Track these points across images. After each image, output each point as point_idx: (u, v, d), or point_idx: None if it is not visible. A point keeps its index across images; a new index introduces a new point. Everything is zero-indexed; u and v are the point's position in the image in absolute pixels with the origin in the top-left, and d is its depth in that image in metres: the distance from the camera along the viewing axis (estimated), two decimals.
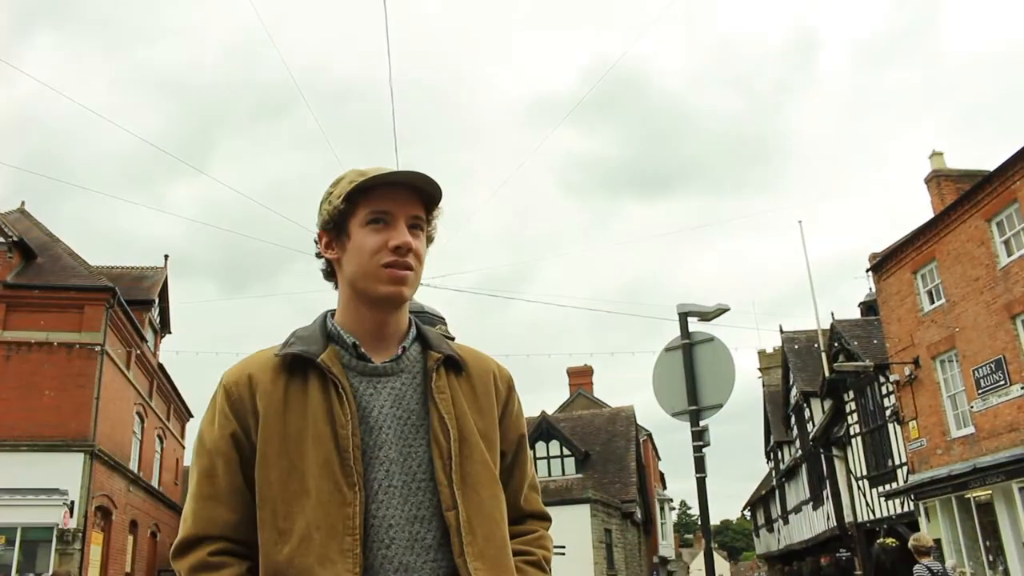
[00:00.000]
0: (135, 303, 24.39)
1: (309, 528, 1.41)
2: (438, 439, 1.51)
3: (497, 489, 1.57)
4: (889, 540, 20.65)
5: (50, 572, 16.60)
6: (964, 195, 18.56)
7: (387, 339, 1.60)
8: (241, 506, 1.48)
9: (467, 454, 1.53)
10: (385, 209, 1.55)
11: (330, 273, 1.65)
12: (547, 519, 1.77)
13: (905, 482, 21.02)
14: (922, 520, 19.97)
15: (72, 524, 19.34)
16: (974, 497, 18.30)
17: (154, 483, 27.97)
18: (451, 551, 1.46)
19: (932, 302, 19.87)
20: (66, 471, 19.61)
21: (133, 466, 24.80)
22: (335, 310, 1.65)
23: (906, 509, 21.37)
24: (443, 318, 29.44)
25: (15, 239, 21.40)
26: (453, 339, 1.81)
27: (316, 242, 1.65)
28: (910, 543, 9.17)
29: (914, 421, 20.43)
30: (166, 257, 29.38)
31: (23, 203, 25.41)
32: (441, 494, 1.48)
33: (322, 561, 1.39)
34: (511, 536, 1.62)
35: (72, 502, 19.48)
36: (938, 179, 21.05)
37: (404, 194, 1.56)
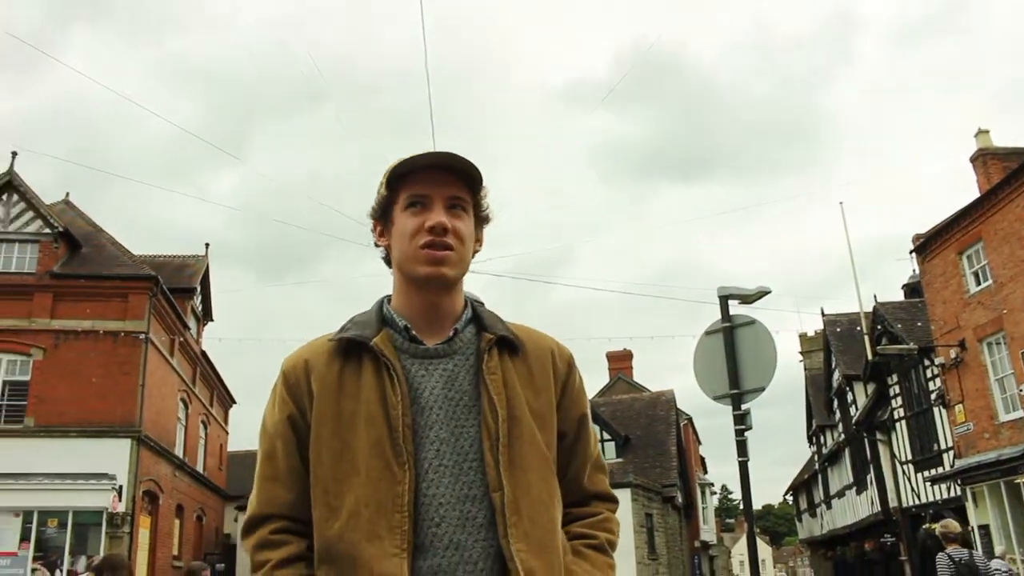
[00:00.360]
0: (177, 291, 24.75)
1: (358, 504, 1.45)
2: (487, 420, 1.52)
3: (547, 472, 1.56)
4: (935, 525, 20.38)
5: (100, 555, 16.95)
6: (1012, 173, 18.10)
7: (439, 321, 1.62)
8: (299, 486, 1.54)
9: (516, 435, 1.52)
10: (422, 192, 1.58)
11: (388, 260, 1.69)
12: (613, 500, 1.74)
13: (951, 467, 20.68)
14: (969, 505, 19.64)
15: (121, 508, 19.76)
16: (1023, 482, 17.95)
17: (199, 468, 28.45)
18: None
19: (978, 283, 19.46)
20: (114, 456, 20.04)
21: (178, 451, 25.24)
22: (392, 295, 1.68)
23: (953, 494, 21.03)
24: (482, 303, 29.46)
25: (60, 230, 21.81)
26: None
27: (372, 231, 1.70)
28: (937, 530, 8.96)
29: (960, 405, 20.06)
30: (207, 245, 29.82)
31: (67, 194, 25.86)
32: (488, 475, 1.49)
33: (370, 537, 1.42)
34: (574, 518, 1.64)
35: (120, 486, 19.90)
36: (984, 157, 20.58)
37: (440, 176, 1.58)
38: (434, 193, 1.57)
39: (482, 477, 1.49)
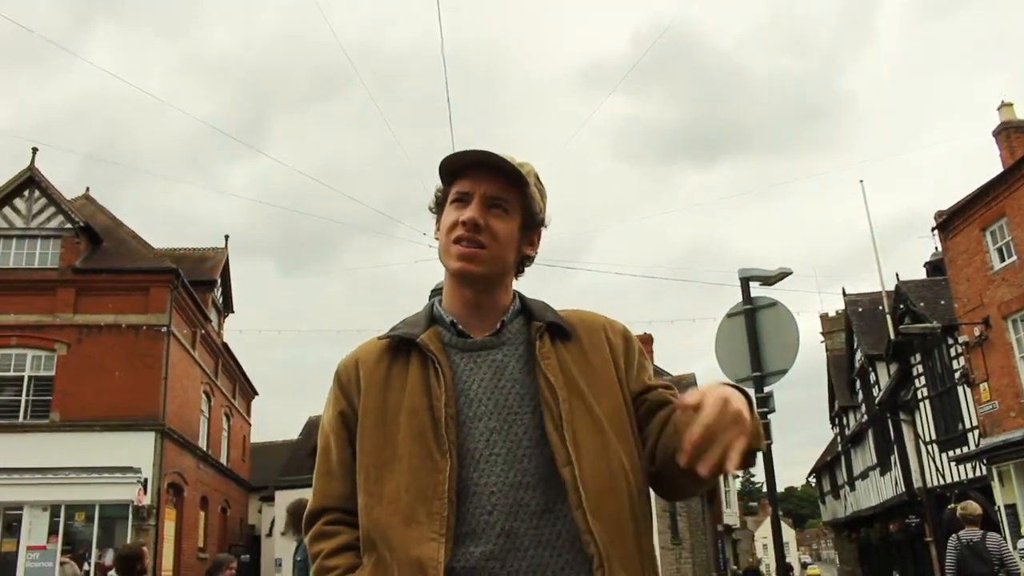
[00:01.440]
0: (198, 284, 24.91)
1: (399, 491, 1.49)
2: (548, 403, 1.53)
3: (611, 447, 1.54)
4: (959, 506, 20.22)
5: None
6: None
7: (486, 314, 1.66)
8: (351, 479, 1.59)
9: (578, 414, 1.53)
10: (464, 190, 1.62)
11: None
12: None
13: (976, 446, 20.47)
14: (995, 485, 19.46)
15: (146, 501, 19.96)
16: None
17: (222, 460, 28.68)
18: (554, 517, 1.47)
19: (1003, 260, 19.21)
20: (138, 449, 20.23)
21: (202, 444, 25.46)
22: (443, 294, 1.73)
23: (978, 473, 20.83)
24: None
25: (82, 225, 21.98)
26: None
27: (435, 225, 1.75)
28: (958, 511, 8.72)
29: (985, 383, 19.84)
30: (226, 238, 29.97)
31: (88, 189, 26.08)
32: (556, 453, 1.49)
33: (408, 522, 1.46)
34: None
35: (145, 479, 20.10)
36: (1008, 131, 20.26)
37: (482, 174, 1.62)
38: (474, 190, 1.61)
39: (537, 463, 1.50)
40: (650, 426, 1.62)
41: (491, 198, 1.61)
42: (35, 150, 22.34)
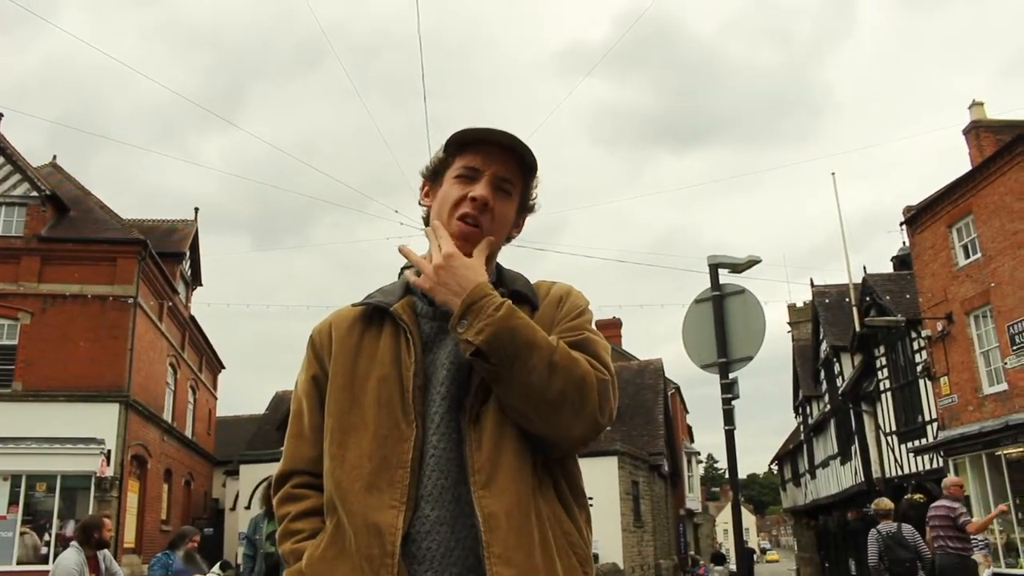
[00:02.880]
0: (166, 255, 24.64)
1: (362, 457, 1.51)
2: (475, 376, 1.54)
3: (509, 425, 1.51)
4: (917, 496, 20.58)
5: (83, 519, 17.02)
6: (1005, 146, 18.08)
7: None
8: (321, 442, 1.60)
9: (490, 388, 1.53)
10: (474, 165, 1.61)
11: (427, 220, 1.72)
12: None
13: (935, 438, 20.88)
14: (951, 476, 19.85)
15: (109, 472, 19.80)
16: (1005, 454, 18.14)
17: (187, 433, 28.50)
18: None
19: (967, 256, 19.52)
20: (102, 421, 20.04)
21: (167, 416, 25.26)
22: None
23: (935, 465, 21.24)
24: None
25: (48, 193, 21.62)
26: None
27: (420, 189, 1.74)
28: (872, 507, 9.64)
29: (945, 377, 20.21)
30: (196, 210, 29.61)
31: (55, 157, 25.62)
32: (462, 426, 1.52)
33: (369, 488, 1.48)
34: None
35: (108, 451, 19.92)
36: (977, 130, 20.54)
37: (496, 154, 1.61)
38: (485, 168, 1.61)
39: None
40: None
41: (500, 179, 1.62)
42: None
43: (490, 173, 1.60)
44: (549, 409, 1.47)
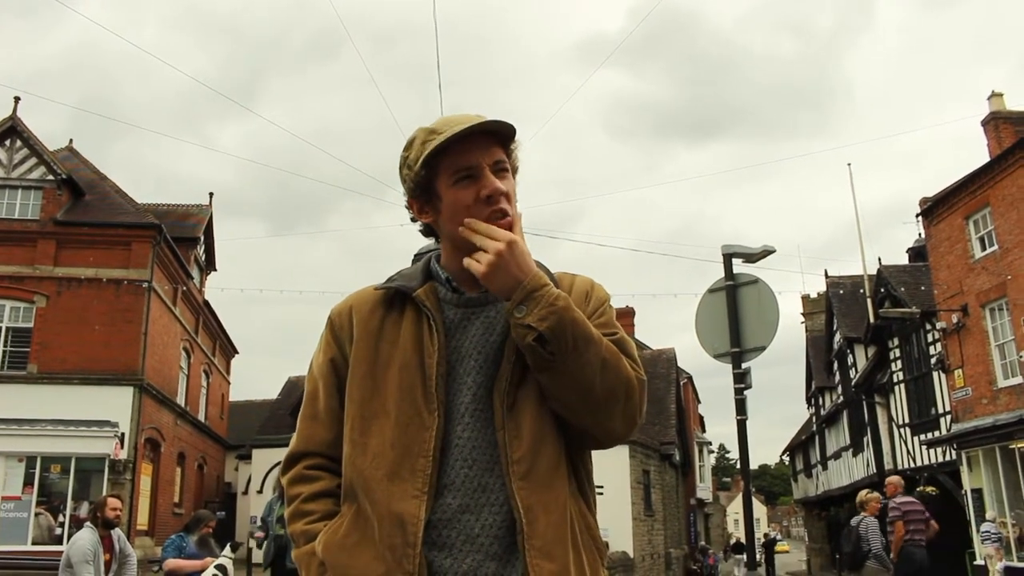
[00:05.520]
0: (181, 240, 24.73)
1: (384, 445, 1.50)
2: (507, 363, 1.53)
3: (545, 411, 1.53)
4: (930, 488, 20.52)
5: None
6: (1023, 138, 17.92)
7: None
8: (337, 425, 1.60)
9: (524, 376, 1.53)
10: (467, 164, 1.55)
11: (429, 232, 1.69)
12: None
13: (948, 431, 20.77)
14: (964, 469, 19.76)
15: (123, 455, 19.96)
16: (1019, 448, 18.04)
17: (200, 417, 28.67)
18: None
19: (984, 249, 19.37)
20: (116, 404, 20.18)
21: (180, 400, 25.42)
22: (440, 254, 1.69)
23: (948, 458, 21.15)
24: None
25: (64, 176, 21.73)
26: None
27: (408, 208, 1.67)
28: (857, 500, 10.33)
29: (960, 369, 20.09)
30: (211, 195, 29.71)
31: (71, 141, 25.77)
32: (495, 414, 1.51)
33: (392, 477, 1.48)
34: None
35: (122, 434, 20.07)
36: (996, 121, 20.32)
37: (480, 142, 1.56)
38: (479, 162, 1.55)
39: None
40: None
41: (496, 163, 1.58)
42: (17, 99, 22.01)
43: (487, 164, 1.56)
44: (597, 404, 1.49)
